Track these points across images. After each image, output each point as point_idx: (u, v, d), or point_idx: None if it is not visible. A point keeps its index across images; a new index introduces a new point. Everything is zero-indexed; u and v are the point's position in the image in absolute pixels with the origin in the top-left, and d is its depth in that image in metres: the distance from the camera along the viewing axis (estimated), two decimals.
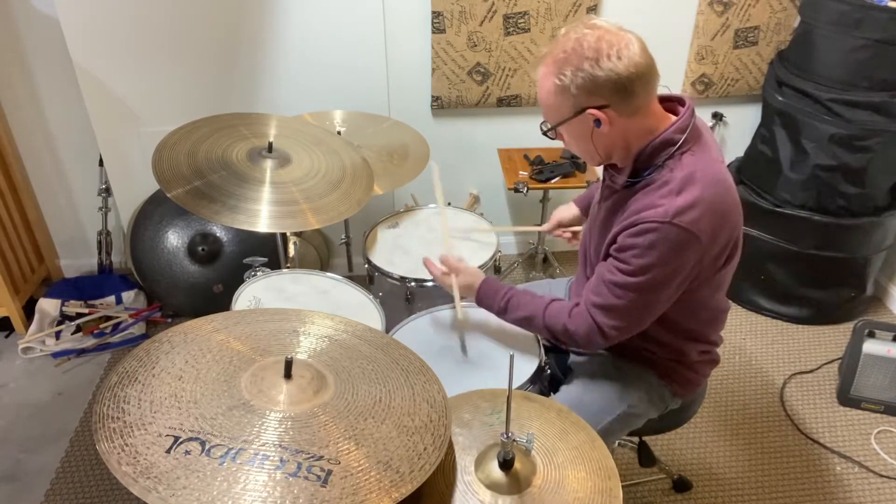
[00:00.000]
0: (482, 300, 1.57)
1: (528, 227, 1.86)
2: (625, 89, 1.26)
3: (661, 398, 1.58)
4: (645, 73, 1.27)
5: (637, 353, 1.56)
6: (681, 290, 1.37)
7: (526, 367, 1.59)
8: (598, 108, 1.29)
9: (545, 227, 1.93)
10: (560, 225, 1.88)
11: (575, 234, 1.88)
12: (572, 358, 1.69)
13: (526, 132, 2.85)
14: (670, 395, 1.58)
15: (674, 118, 1.36)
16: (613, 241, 1.36)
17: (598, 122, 1.30)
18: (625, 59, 1.24)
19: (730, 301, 1.58)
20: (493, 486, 1.13)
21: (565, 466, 1.17)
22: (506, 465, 1.14)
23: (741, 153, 2.91)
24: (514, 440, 1.14)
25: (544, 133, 1.40)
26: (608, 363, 1.58)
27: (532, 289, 1.85)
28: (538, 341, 1.68)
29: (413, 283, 1.97)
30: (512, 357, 1.17)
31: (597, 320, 1.39)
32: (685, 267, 1.32)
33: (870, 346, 2.36)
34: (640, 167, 1.35)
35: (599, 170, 1.60)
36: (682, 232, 1.27)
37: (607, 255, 1.39)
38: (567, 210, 1.88)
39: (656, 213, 1.28)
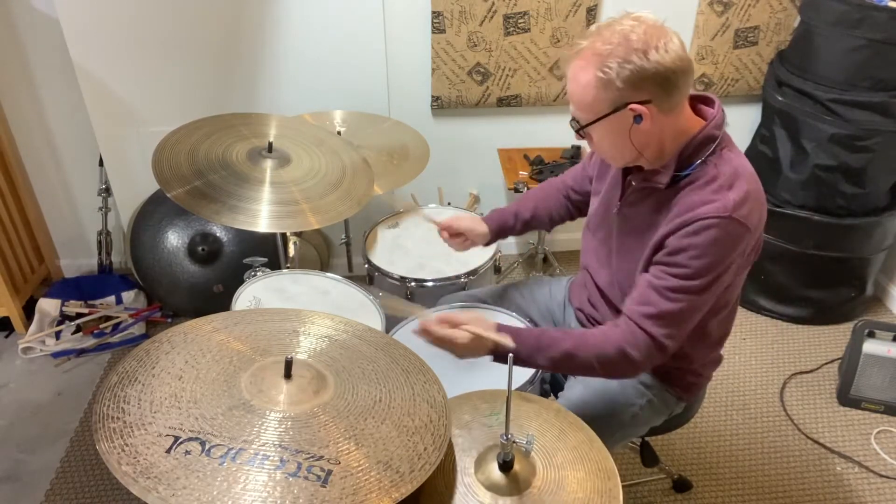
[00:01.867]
0: (506, 348, 1.36)
1: (433, 217, 1.70)
2: (669, 83, 1.23)
3: (665, 404, 1.57)
4: (688, 68, 1.25)
5: None
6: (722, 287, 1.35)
7: (525, 367, 1.59)
8: (641, 102, 1.25)
9: (449, 221, 1.75)
10: (453, 231, 1.74)
11: (466, 238, 1.75)
12: None
13: (526, 132, 2.85)
14: (675, 401, 1.58)
15: (703, 117, 1.36)
16: (660, 245, 1.32)
17: (638, 118, 1.26)
18: (671, 53, 1.22)
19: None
20: (492, 488, 1.13)
21: (565, 467, 1.17)
22: (505, 466, 1.14)
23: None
24: (513, 441, 1.14)
25: (577, 131, 1.35)
26: None
27: (532, 288, 1.86)
28: None
29: (413, 283, 1.97)
30: (511, 357, 1.17)
31: (651, 332, 1.31)
32: (734, 263, 1.31)
33: (870, 346, 2.36)
34: (682, 166, 1.33)
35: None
36: (739, 226, 1.26)
37: (650, 262, 1.35)
38: (478, 225, 1.74)
39: (715, 209, 1.25)
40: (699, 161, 1.32)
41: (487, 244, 1.78)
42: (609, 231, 1.51)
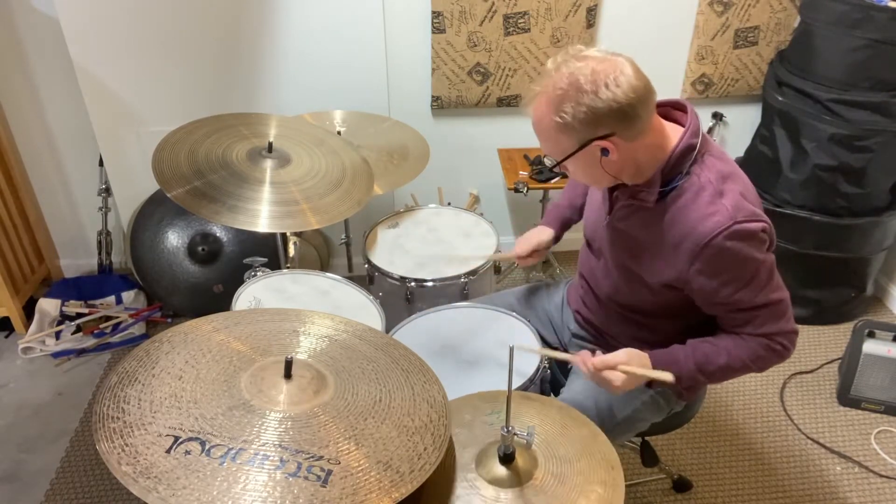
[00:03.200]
0: (663, 384, 1.42)
1: (504, 254, 1.76)
2: (627, 115, 1.24)
3: (666, 401, 1.57)
4: (644, 96, 1.25)
5: None
6: None
7: (526, 366, 1.59)
8: (603, 137, 1.26)
9: (518, 250, 1.81)
10: (538, 249, 1.79)
11: (541, 255, 1.81)
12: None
13: (526, 132, 2.85)
14: (674, 399, 1.58)
15: (676, 126, 1.36)
16: (683, 277, 1.35)
17: (604, 151, 1.28)
18: (623, 86, 1.22)
19: None
20: (494, 481, 1.13)
21: (567, 459, 1.17)
22: (506, 459, 1.14)
23: (741, 153, 2.91)
24: (514, 434, 1.14)
25: (550, 169, 1.40)
26: None
27: (528, 293, 1.86)
28: (538, 341, 1.68)
29: (413, 283, 1.97)
30: (512, 349, 1.17)
31: (772, 333, 1.37)
32: (769, 251, 1.35)
33: (870, 346, 2.36)
34: (667, 179, 1.34)
35: None
36: (748, 225, 1.28)
37: (709, 302, 1.38)
38: (543, 233, 1.80)
39: (717, 224, 1.28)
40: (683, 171, 1.32)
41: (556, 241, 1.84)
42: (602, 243, 1.53)
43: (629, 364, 1.35)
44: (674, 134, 1.34)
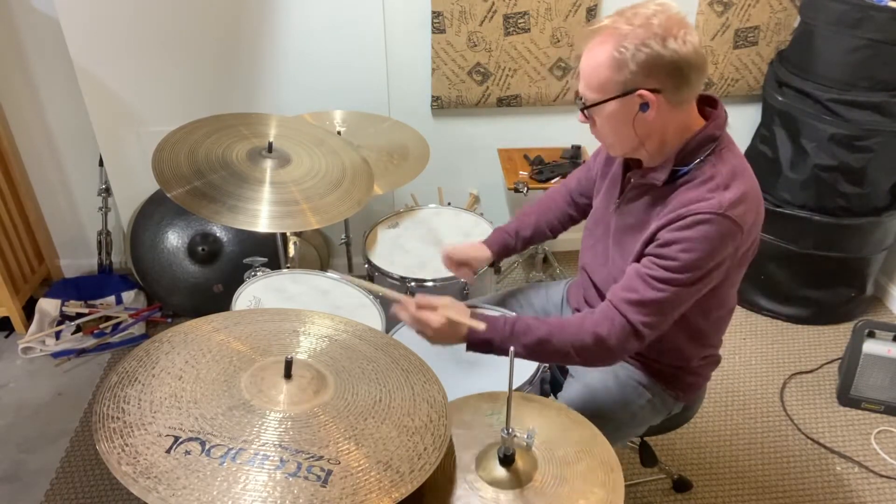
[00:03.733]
0: (478, 347, 1.37)
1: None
2: (682, 75, 1.23)
3: (663, 403, 1.57)
4: (702, 65, 1.25)
5: (639, 358, 1.56)
6: (711, 286, 1.34)
7: (525, 367, 1.59)
8: (651, 90, 1.24)
9: (446, 260, 1.74)
10: (468, 265, 1.74)
11: (471, 268, 1.76)
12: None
13: (526, 132, 2.85)
14: (673, 400, 1.58)
15: (706, 118, 1.35)
16: (652, 238, 1.32)
17: (644, 106, 1.25)
18: (689, 45, 1.21)
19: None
20: (494, 483, 1.13)
21: (567, 460, 1.17)
22: (506, 460, 1.14)
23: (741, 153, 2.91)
24: (514, 436, 1.14)
25: (582, 110, 1.33)
26: (610, 369, 1.56)
27: (528, 293, 1.86)
28: None
29: (413, 283, 1.97)
30: (512, 352, 1.17)
31: (630, 318, 1.30)
32: (725, 262, 1.30)
33: (870, 346, 2.36)
34: (681, 163, 1.33)
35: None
36: (732, 225, 1.26)
37: (641, 255, 1.35)
38: (480, 251, 1.74)
39: (709, 206, 1.25)
40: (698, 160, 1.31)
41: (493, 266, 1.79)
42: (607, 227, 1.51)
43: (449, 308, 1.34)
44: (701, 123, 1.34)
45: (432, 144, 2.37)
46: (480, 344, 1.36)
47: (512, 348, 1.19)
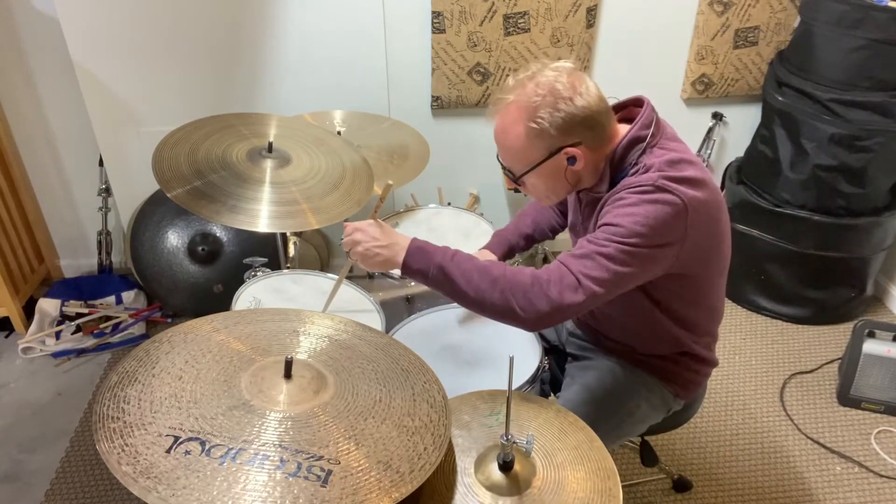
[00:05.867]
0: (416, 255, 1.34)
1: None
2: (597, 123, 1.32)
3: (663, 401, 1.57)
4: (606, 106, 1.35)
5: (637, 355, 1.56)
6: (665, 268, 1.32)
7: (525, 367, 1.59)
8: (573, 145, 1.32)
9: None
10: None
11: None
12: (571, 362, 1.68)
13: None
14: (672, 398, 1.58)
15: (630, 125, 1.38)
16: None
17: (571, 160, 1.34)
18: (592, 94, 1.31)
19: (725, 298, 1.58)
20: (493, 488, 1.13)
21: (564, 467, 1.17)
22: (505, 466, 1.14)
23: (741, 153, 2.91)
24: (513, 442, 1.14)
25: (513, 181, 1.42)
26: (609, 368, 1.57)
27: None
28: (538, 341, 1.68)
29: (413, 283, 1.97)
30: (512, 359, 1.17)
31: (571, 267, 1.26)
32: (674, 241, 1.28)
33: (870, 346, 2.36)
34: (615, 172, 1.37)
35: None
36: (668, 194, 1.25)
37: None
38: (482, 257, 1.73)
39: (643, 179, 1.28)
40: (631, 162, 1.35)
41: None
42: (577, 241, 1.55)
43: (375, 226, 1.39)
44: (625, 132, 1.37)
45: (432, 144, 2.38)
46: (418, 256, 1.34)
47: (512, 357, 1.18)
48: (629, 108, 1.44)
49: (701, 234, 1.32)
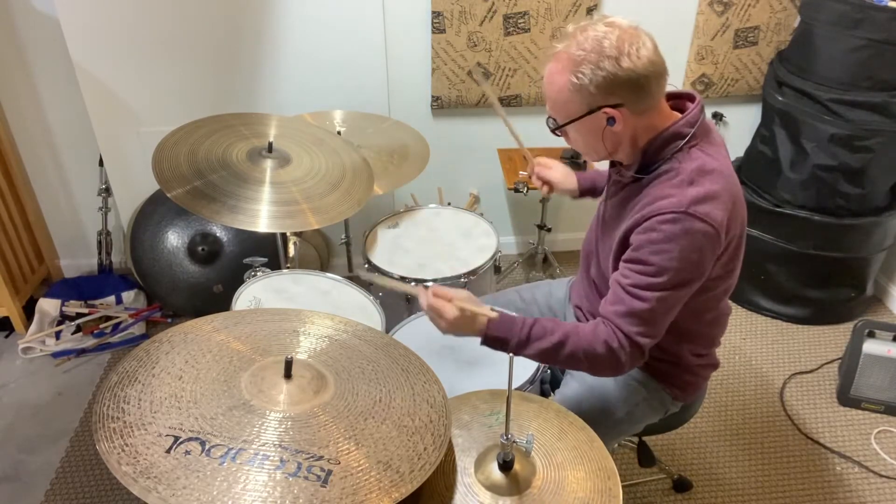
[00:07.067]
0: (494, 331, 1.35)
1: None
2: (641, 88, 1.26)
3: (660, 402, 1.57)
4: (659, 72, 1.28)
5: None
6: (696, 287, 1.33)
7: (525, 367, 1.59)
8: (613, 106, 1.28)
9: (538, 167, 1.81)
10: (551, 183, 1.80)
11: (550, 188, 1.81)
12: None
13: (526, 132, 2.83)
14: (670, 400, 1.58)
15: (680, 114, 1.36)
16: (625, 240, 1.34)
17: (611, 120, 1.29)
18: (643, 59, 1.24)
19: (730, 302, 1.57)
20: (492, 488, 1.13)
21: (564, 467, 1.17)
22: (505, 466, 1.14)
23: (741, 153, 2.91)
24: (513, 442, 1.14)
25: (552, 130, 1.38)
26: None
27: (532, 290, 1.86)
28: None
29: (413, 283, 1.97)
30: (512, 359, 1.17)
31: (625, 330, 1.30)
32: (704, 261, 1.29)
33: (870, 346, 2.36)
34: (649, 161, 1.35)
35: (603, 165, 1.56)
36: (698, 222, 1.25)
37: (618, 257, 1.36)
38: (568, 176, 1.80)
39: (670, 204, 1.26)
40: (665, 157, 1.33)
41: (575, 198, 1.83)
42: (599, 217, 1.55)
43: (464, 301, 1.33)
44: (671, 120, 1.35)
45: (432, 144, 2.38)
46: (496, 340, 1.35)
47: (512, 356, 1.18)
48: (683, 101, 1.41)
49: (722, 248, 1.33)
